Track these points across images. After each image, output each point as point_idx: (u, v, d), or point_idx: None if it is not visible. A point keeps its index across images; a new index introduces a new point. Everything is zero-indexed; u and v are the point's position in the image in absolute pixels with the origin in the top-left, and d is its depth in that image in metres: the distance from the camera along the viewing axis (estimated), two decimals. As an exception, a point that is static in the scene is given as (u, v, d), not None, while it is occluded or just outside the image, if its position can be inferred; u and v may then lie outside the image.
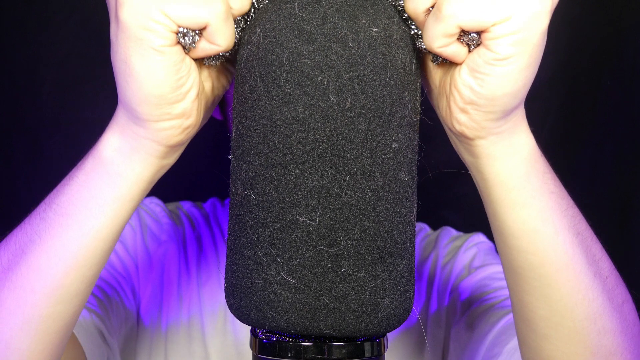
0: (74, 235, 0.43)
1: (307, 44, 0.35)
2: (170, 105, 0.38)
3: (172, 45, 0.37)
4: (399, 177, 0.37)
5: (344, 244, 0.36)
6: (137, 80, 0.37)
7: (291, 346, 0.37)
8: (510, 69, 0.36)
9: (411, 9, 0.37)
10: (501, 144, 0.41)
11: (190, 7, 0.36)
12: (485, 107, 0.38)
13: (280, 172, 0.36)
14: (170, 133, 0.40)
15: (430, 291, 0.77)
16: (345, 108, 0.35)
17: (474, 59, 0.37)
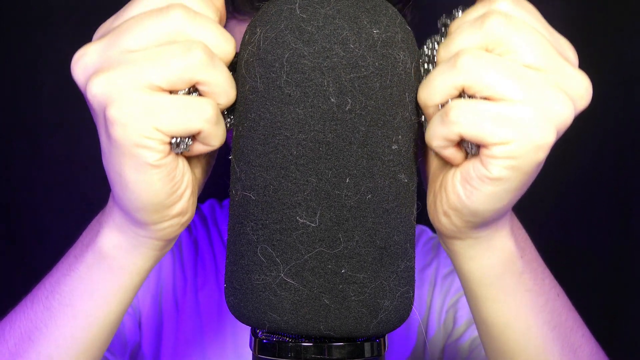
0: (81, 324, 0.44)
1: (307, 45, 0.35)
2: (167, 209, 0.38)
3: (167, 156, 0.36)
4: (399, 178, 0.37)
5: (344, 246, 0.36)
6: (134, 192, 0.37)
7: (291, 346, 0.37)
8: (499, 189, 0.36)
9: (422, 100, 0.37)
10: (478, 247, 0.41)
11: (182, 118, 0.35)
12: (467, 217, 0.38)
13: (280, 173, 0.36)
14: (169, 231, 0.40)
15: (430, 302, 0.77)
16: (346, 110, 0.35)
17: (467, 169, 0.37)
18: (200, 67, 0.34)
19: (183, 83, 0.34)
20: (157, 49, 0.34)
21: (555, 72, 0.35)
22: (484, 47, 0.35)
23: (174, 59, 0.34)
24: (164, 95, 0.34)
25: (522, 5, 0.36)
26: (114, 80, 0.34)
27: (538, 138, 0.35)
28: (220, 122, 0.37)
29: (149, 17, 0.35)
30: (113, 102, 0.34)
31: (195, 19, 0.35)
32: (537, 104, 0.34)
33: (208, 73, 0.35)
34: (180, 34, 0.35)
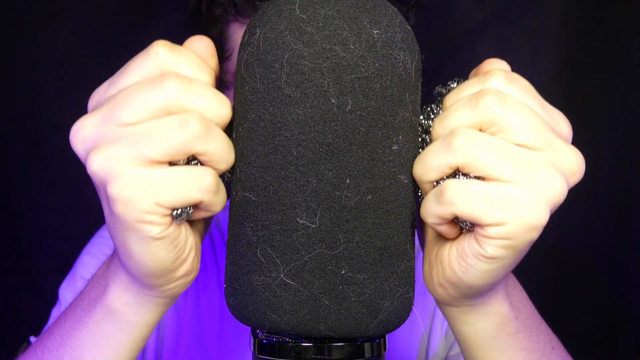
0: None
1: (307, 46, 0.35)
2: (173, 272, 0.39)
3: (169, 227, 0.36)
4: (399, 179, 0.37)
5: (344, 247, 0.36)
6: (139, 262, 0.37)
7: (291, 347, 0.37)
8: (494, 267, 0.37)
9: (417, 175, 0.38)
10: (473, 313, 0.42)
11: (182, 191, 0.35)
12: (463, 290, 0.39)
13: (280, 174, 0.36)
14: (176, 290, 0.41)
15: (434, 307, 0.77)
16: (346, 110, 0.35)
17: (463, 246, 0.37)
18: (197, 140, 0.35)
19: (181, 155, 0.35)
20: (153, 123, 0.35)
21: (548, 149, 0.36)
22: (478, 126, 0.36)
23: (171, 133, 0.34)
24: (163, 169, 0.35)
25: (515, 82, 0.37)
26: (112, 157, 0.34)
27: (532, 219, 0.35)
28: (221, 189, 0.37)
29: (144, 89, 0.35)
30: (112, 180, 0.34)
31: (190, 87, 0.35)
32: (531, 184, 0.35)
33: (205, 144, 0.35)
34: (175, 105, 0.35)
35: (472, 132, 0.35)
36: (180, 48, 0.37)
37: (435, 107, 0.39)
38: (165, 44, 0.36)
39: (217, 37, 0.72)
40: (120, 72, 0.37)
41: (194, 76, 0.36)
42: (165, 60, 0.36)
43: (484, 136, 0.35)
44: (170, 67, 0.36)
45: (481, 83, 0.37)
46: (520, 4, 0.96)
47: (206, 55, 0.38)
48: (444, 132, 0.37)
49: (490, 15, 0.96)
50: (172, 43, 0.37)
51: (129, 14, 0.94)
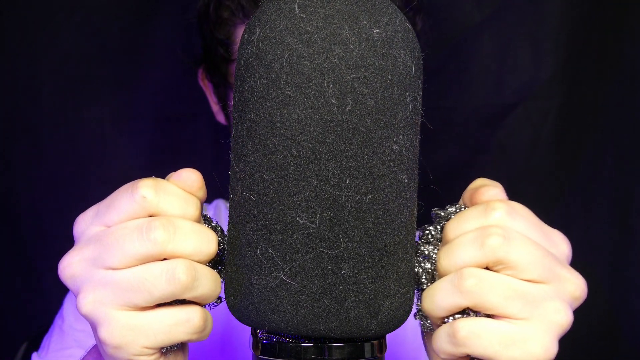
0: None
1: (307, 45, 0.35)
2: None
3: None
4: (399, 178, 0.37)
5: (344, 246, 0.36)
6: None
7: (291, 347, 0.37)
8: None
9: (426, 310, 0.39)
10: None
11: (171, 334, 0.36)
12: None
13: (280, 174, 0.36)
14: None
15: None
16: (346, 110, 0.35)
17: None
18: (184, 288, 0.36)
19: (169, 300, 0.36)
20: (141, 273, 0.36)
21: (553, 281, 0.38)
22: (485, 265, 0.37)
23: (158, 285, 0.35)
24: (151, 314, 0.36)
25: (516, 213, 0.38)
26: (101, 302, 0.36)
27: (544, 354, 0.37)
28: (208, 324, 0.38)
29: (130, 237, 0.36)
30: (102, 325, 0.36)
31: (176, 235, 0.36)
32: (540, 320, 0.37)
33: (193, 291, 0.36)
34: (162, 253, 0.36)
35: (481, 275, 0.37)
36: (165, 186, 0.38)
37: (434, 230, 0.41)
38: (150, 184, 0.37)
39: (225, 39, 0.73)
40: (106, 207, 0.38)
41: (180, 213, 0.37)
42: (151, 203, 0.37)
43: (493, 277, 0.37)
44: (157, 210, 0.37)
45: (483, 216, 0.39)
46: (520, 4, 0.96)
47: (194, 189, 0.39)
48: (451, 268, 0.38)
49: (490, 15, 0.96)
50: (158, 180, 0.38)
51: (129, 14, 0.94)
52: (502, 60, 0.96)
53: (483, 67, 0.97)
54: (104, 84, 0.95)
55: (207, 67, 0.78)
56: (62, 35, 0.96)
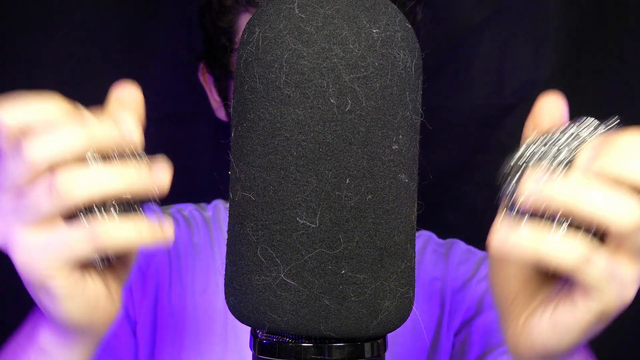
0: None
1: (307, 45, 0.35)
2: (89, 323, 0.40)
3: (75, 286, 0.37)
4: (399, 178, 0.37)
5: (344, 246, 0.36)
6: (53, 316, 0.39)
7: (291, 347, 0.37)
8: (587, 336, 0.38)
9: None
10: None
11: (74, 251, 0.36)
12: (554, 353, 0.39)
13: (280, 174, 0.36)
14: (99, 334, 0.42)
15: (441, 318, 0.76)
16: (346, 110, 0.35)
17: (559, 318, 0.37)
18: (70, 197, 0.35)
19: (58, 214, 0.36)
20: (28, 191, 0.36)
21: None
22: None
23: (42, 199, 0.35)
24: (53, 232, 0.36)
25: None
26: (5, 227, 0.37)
27: (631, 296, 0.37)
28: (116, 239, 0.36)
29: (8, 162, 0.36)
30: (11, 249, 0.36)
31: (49, 140, 0.35)
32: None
33: (78, 192, 0.35)
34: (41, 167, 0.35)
35: None
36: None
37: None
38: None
39: (227, 28, 0.73)
40: None
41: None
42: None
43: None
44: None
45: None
46: (520, 4, 0.96)
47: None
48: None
49: (490, 15, 0.96)
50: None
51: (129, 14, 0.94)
52: (502, 60, 0.96)
53: (483, 67, 0.97)
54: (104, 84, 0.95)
55: (208, 61, 0.78)
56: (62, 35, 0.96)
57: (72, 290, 0.37)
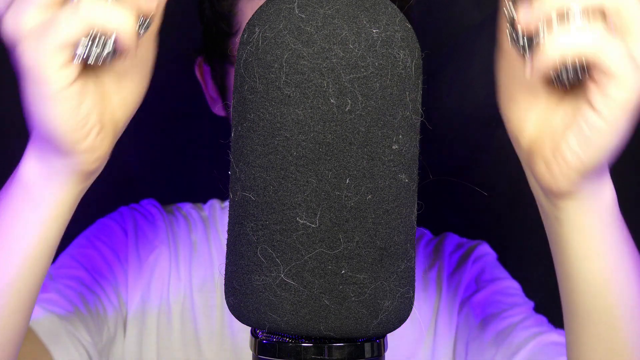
0: (4, 258, 0.44)
1: (306, 45, 0.35)
2: (76, 142, 0.40)
3: (72, 84, 0.38)
4: (399, 178, 0.37)
5: (344, 246, 0.36)
6: (43, 120, 0.39)
7: (291, 347, 0.37)
8: (614, 135, 0.38)
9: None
10: (591, 199, 0.43)
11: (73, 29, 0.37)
12: (587, 169, 0.40)
13: (279, 174, 0.36)
14: (82, 167, 0.42)
15: (438, 303, 0.77)
16: (346, 110, 0.35)
17: (584, 133, 0.39)
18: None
19: None
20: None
21: None
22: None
23: None
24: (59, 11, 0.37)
25: None
26: (15, 22, 0.38)
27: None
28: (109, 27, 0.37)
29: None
30: (17, 44, 0.38)
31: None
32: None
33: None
34: None
35: None
36: None
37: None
38: None
39: (226, 13, 0.73)
40: None
41: None
42: None
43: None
44: None
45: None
46: (520, 4, 0.96)
47: None
48: None
49: (490, 15, 0.96)
50: None
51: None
52: (502, 60, 0.96)
53: (483, 67, 0.97)
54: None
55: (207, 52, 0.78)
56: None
57: (66, 90, 0.37)
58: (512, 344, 0.65)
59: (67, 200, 0.44)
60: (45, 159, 0.42)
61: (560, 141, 0.41)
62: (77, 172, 0.42)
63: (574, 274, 0.45)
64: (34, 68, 0.38)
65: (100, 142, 0.41)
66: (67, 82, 0.38)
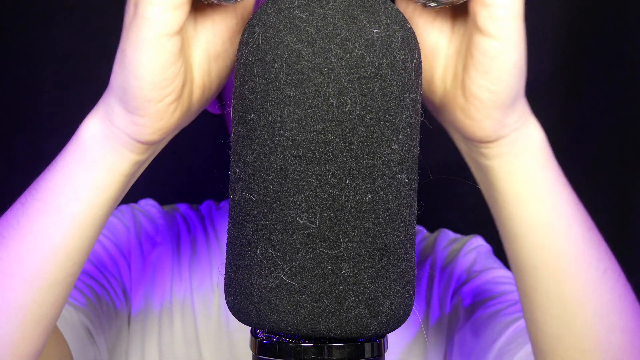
0: (51, 220, 0.43)
1: (307, 45, 0.35)
2: (155, 99, 0.39)
3: (177, 34, 0.38)
4: (399, 178, 0.37)
5: (344, 246, 0.36)
6: (131, 65, 0.38)
7: (291, 347, 0.37)
8: (513, 53, 0.39)
9: None
10: (521, 139, 0.42)
11: None
12: (504, 102, 0.40)
13: (280, 174, 0.36)
14: (147, 135, 0.41)
15: (430, 295, 0.77)
16: (346, 110, 0.35)
17: (480, 61, 0.39)
18: None
19: None
20: None
21: None
22: None
23: None
24: None
25: None
26: None
27: None
28: None
29: None
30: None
31: None
32: None
33: None
34: None
35: None
36: None
37: None
38: None
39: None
40: None
41: None
42: None
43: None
44: None
45: None
46: (520, 4, 0.96)
47: None
48: None
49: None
50: None
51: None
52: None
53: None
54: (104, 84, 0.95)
55: None
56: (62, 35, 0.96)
57: (169, 39, 0.37)
58: (494, 330, 0.65)
59: (121, 169, 0.42)
60: (108, 119, 0.41)
61: (466, 80, 0.40)
62: (135, 139, 0.41)
63: (512, 227, 0.44)
64: (144, 5, 0.37)
65: (171, 112, 0.40)
66: (174, 27, 0.37)
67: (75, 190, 0.42)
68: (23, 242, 0.43)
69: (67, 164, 0.43)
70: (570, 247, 0.44)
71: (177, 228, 0.79)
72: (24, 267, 0.43)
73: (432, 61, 0.44)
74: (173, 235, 0.78)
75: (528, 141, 0.42)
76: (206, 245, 0.78)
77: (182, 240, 0.78)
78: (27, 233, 0.43)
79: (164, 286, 0.75)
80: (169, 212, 0.81)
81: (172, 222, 0.80)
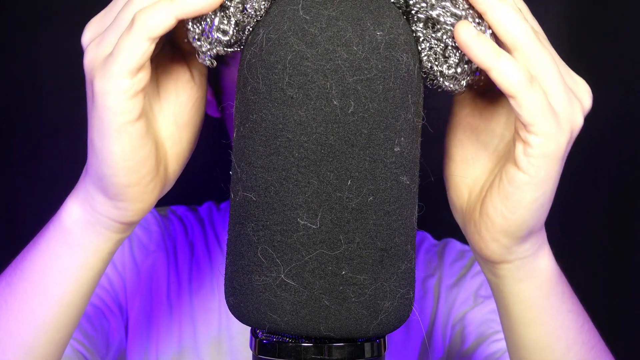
0: (39, 301, 0.44)
1: (310, 47, 0.35)
2: (130, 185, 0.40)
3: (139, 119, 0.38)
4: (400, 180, 0.37)
5: (345, 247, 0.36)
6: (104, 153, 0.39)
7: (291, 347, 0.37)
8: (538, 190, 0.38)
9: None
10: (525, 268, 0.43)
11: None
12: (515, 233, 0.40)
13: (281, 175, 0.36)
14: (127, 215, 0.41)
15: (435, 312, 0.76)
16: (348, 112, 0.35)
17: (503, 186, 0.39)
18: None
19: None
20: None
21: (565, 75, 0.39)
22: None
23: None
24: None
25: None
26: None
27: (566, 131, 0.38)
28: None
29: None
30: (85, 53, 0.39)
31: None
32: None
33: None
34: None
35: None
36: None
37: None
38: None
39: None
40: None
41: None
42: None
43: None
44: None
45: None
46: (519, 4, 0.96)
47: None
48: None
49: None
50: None
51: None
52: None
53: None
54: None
55: None
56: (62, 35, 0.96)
57: (132, 125, 0.37)
58: None
59: (106, 248, 0.43)
60: (89, 205, 0.42)
61: (486, 198, 0.41)
62: (117, 221, 0.42)
63: (514, 341, 0.46)
64: (102, 95, 0.37)
65: (151, 191, 0.41)
66: (135, 113, 0.37)
67: (62, 272, 0.43)
68: (13, 321, 0.45)
69: (52, 247, 0.44)
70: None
71: (173, 232, 0.79)
72: (15, 343, 0.45)
73: (468, 167, 0.44)
74: (168, 241, 0.77)
75: (533, 271, 0.43)
76: (205, 248, 0.78)
77: (179, 244, 0.78)
78: (17, 313, 0.45)
79: (160, 294, 0.75)
80: (165, 215, 0.81)
81: (167, 226, 0.79)
